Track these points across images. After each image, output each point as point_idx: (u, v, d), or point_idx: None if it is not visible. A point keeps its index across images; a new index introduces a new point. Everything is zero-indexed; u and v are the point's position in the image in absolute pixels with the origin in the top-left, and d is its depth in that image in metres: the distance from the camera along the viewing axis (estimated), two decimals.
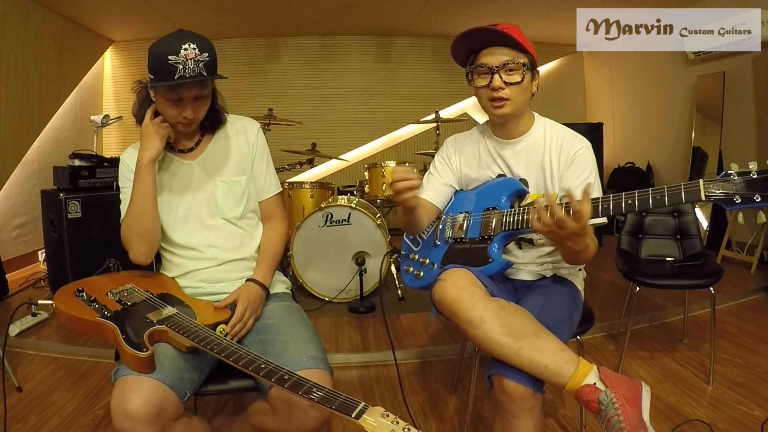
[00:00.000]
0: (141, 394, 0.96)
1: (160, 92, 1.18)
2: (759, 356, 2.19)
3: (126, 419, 0.94)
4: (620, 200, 1.06)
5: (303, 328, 1.22)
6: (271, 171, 1.43)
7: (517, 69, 1.24)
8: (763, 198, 0.93)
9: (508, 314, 1.10)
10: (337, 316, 2.70)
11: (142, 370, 1.00)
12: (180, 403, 1.03)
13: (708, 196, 0.98)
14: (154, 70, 1.14)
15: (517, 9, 4.24)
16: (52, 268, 3.08)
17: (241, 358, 0.96)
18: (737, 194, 0.95)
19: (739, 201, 0.95)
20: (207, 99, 1.24)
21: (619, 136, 5.24)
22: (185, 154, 1.33)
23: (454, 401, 1.91)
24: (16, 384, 2.00)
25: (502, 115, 1.28)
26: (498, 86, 1.24)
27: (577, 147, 1.29)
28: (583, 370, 1.03)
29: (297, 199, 3.18)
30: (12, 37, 3.42)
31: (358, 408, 0.79)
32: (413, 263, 1.47)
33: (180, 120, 1.21)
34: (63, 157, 3.25)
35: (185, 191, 1.31)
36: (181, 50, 1.11)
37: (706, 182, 0.98)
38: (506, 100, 1.26)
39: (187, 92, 1.17)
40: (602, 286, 3.18)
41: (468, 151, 1.43)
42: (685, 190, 0.99)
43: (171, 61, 1.10)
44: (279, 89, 5.15)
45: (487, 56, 1.26)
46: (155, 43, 1.16)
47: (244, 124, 1.39)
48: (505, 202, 1.29)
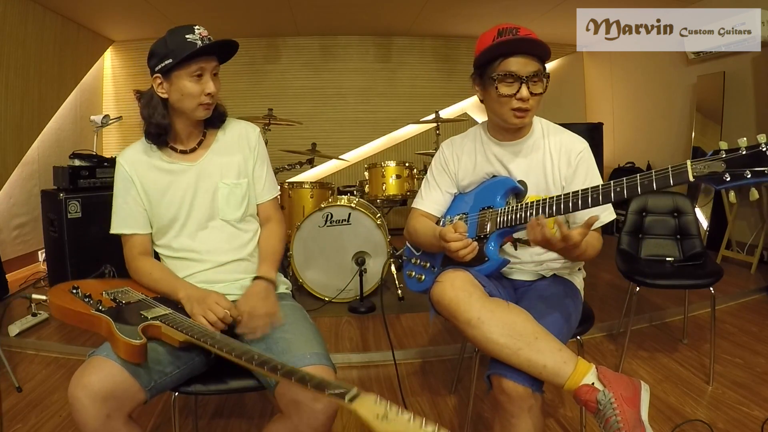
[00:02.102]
0: (98, 373, 1.00)
1: (181, 71, 1.21)
2: (759, 356, 2.19)
3: (78, 389, 0.98)
4: (609, 189, 1.04)
5: (306, 326, 1.22)
6: (270, 175, 1.44)
7: (540, 81, 1.23)
8: (753, 174, 0.88)
9: (507, 314, 1.10)
10: (337, 316, 2.70)
11: (134, 359, 1.01)
12: (142, 390, 1.04)
13: (696, 177, 0.93)
14: (173, 53, 1.19)
15: (517, 9, 4.23)
16: (52, 268, 3.08)
17: (234, 349, 0.96)
18: (726, 172, 0.90)
19: (728, 179, 0.91)
20: (219, 80, 1.29)
21: (619, 136, 5.24)
22: (187, 155, 1.33)
23: (454, 401, 1.91)
24: (16, 384, 1.99)
25: (522, 125, 1.28)
26: (526, 97, 1.21)
27: (578, 149, 1.29)
28: (581, 370, 1.03)
29: (297, 199, 3.17)
30: (12, 37, 3.42)
31: (352, 393, 0.80)
32: (415, 267, 1.47)
33: (203, 100, 1.24)
34: (63, 157, 3.25)
35: (186, 192, 1.31)
36: (195, 30, 1.21)
37: (694, 162, 0.94)
38: (528, 111, 1.24)
39: (207, 64, 1.23)
40: (602, 286, 3.18)
41: (465, 155, 1.42)
42: (672, 172, 0.95)
43: (189, 39, 1.19)
44: (279, 89, 5.15)
45: (516, 65, 1.20)
46: (162, 38, 1.22)
47: (246, 127, 1.41)
48: (500, 201, 1.29)
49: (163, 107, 1.27)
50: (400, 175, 3.21)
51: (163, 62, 1.21)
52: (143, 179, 1.30)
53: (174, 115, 1.29)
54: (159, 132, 1.28)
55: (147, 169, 1.30)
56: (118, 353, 1.02)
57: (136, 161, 1.31)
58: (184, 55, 1.18)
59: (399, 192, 3.20)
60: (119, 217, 1.31)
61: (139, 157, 1.31)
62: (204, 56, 1.22)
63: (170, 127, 1.29)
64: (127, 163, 1.30)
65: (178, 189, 1.31)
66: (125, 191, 1.30)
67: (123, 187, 1.30)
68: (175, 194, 1.31)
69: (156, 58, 1.23)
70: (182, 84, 1.22)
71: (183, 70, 1.21)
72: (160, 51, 1.22)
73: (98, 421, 0.98)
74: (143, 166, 1.30)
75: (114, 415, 1.00)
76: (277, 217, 1.45)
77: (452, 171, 1.44)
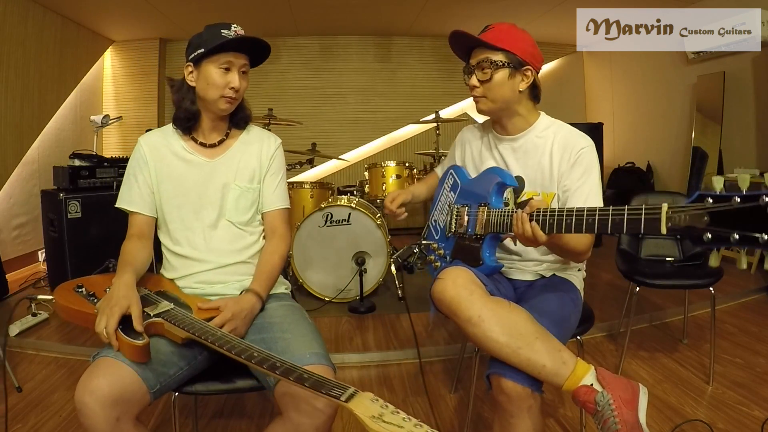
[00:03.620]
0: (108, 377, 0.97)
1: (210, 61, 1.24)
2: (759, 356, 2.19)
3: (86, 394, 0.95)
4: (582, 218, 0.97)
5: (305, 326, 1.22)
6: (282, 187, 1.43)
7: (487, 67, 1.28)
8: (742, 240, 0.66)
9: (507, 313, 1.10)
10: (337, 316, 2.70)
11: (137, 359, 1.01)
12: (148, 393, 1.03)
13: (671, 229, 0.76)
14: (206, 42, 1.24)
15: (517, 9, 4.24)
16: (52, 268, 3.08)
17: (234, 347, 0.97)
18: (708, 231, 0.71)
19: (709, 239, 0.71)
20: (247, 79, 1.32)
21: (619, 136, 5.24)
22: (207, 149, 1.34)
23: (454, 401, 1.91)
24: (16, 384, 2.00)
25: (481, 111, 1.36)
26: (472, 84, 1.32)
27: (580, 146, 1.28)
28: (580, 371, 1.03)
29: (297, 199, 3.17)
30: (12, 37, 3.42)
31: (348, 392, 0.80)
32: (434, 254, 1.47)
33: (226, 93, 1.26)
34: (63, 157, 3.25)
35: (197, 185, 1.32)
36: (231, 27, 1.26)
37: (672, 209, 0.78)
38: (480, 98, 1.33)
39: (236, 59, 1.26)
40: (602, 286, 3.18)
41: (474, 142, 1.49)
42: (645, 216, 0.81)
43: (224, 34, 1.23)
44: (279, 89, 5.16)
45: (471, 58, 1.34)
46: (203, 31, 1.28)
47: (269, 137, 1.44)
48: (495, 200, 1.28)
49: (192, 94, 1.30)
50: (400, 175, 3.22)
51: (196, 51, 1.25)
52: (158, 163, 1.32)
53: (201, 106, 1.31)
54: (188, 117, 1.31)
55: (165, 153, 1.32)
56: (123, 354, 1.02)
57: (156, 144, 1.33)
58: (214, 45, 1.22)
59: None
60: (125, 192, 1.32)
61: (161, 140, 1.34)
62: (234, 51, 1.25)
63: (199, 114, 1.32)
64: (147, 144, 1.33)
65: (189, 180, 1.32)
66: (137, 169, 1.32)
67: (137, 165, 1.32)
68: (187, 185, 1.31)
69: (191, 48, 1.27)
70: (209, 73, 1.26)
71: (212, 60, 1.25)
72: (195, 41, 1.27)
73: (109, 425, 0.96)
74: (162, 150, 1.32)
75: (123, 417, 0.99)
76: (282, 231, 1.40)
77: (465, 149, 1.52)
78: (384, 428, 0.73)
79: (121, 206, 1.33)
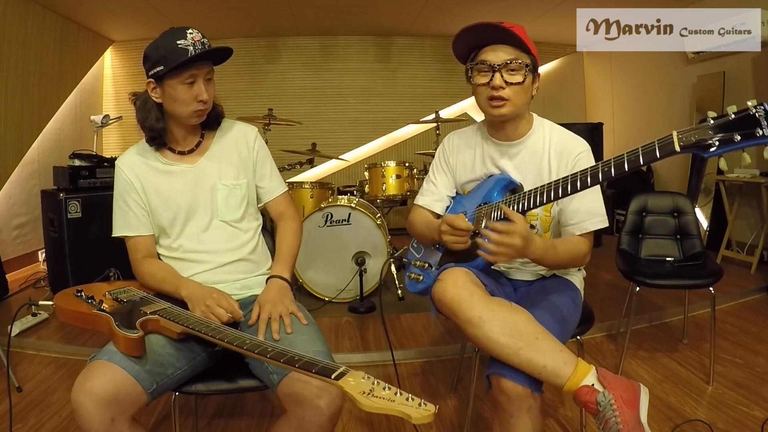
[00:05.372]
0: (101, 378, 0.99)
1: (173, 79, 1.19)
2: (759, 356, 2.19)
3: (82, 394, 0.97)
4: (597, 170, 1.05)
5: (308, 324, 1.23)
6: (275, 172, 1.45)
7: (519, 69, 1.22)
8: (744, 137, 0.85)
9: (508, 314, 1.10)
10: (337, 316, 2.70)
11: (132, 352, 1.03)
12: (144, 393, 1.04)
13: (683, 146, 0.90)
14: (164, 59, 1.17)
15: (517, 9, 4.24)
16: (52, 268, 3.08)
17: (226, 336, 0.99)
18: (715, 138, 0.88)
19: (717, 144, 0.88)
20: (214, 83, 1.27)
21: (619, 136, 5.24)
22: (185, 156, 1.33)
23: (454, 401, 1.91)
24: (16, 384, 2.00)
25: (500, 116, 1.25)
26: (498, 85, 1.21)
27: (577, 151, 1.28)
28: (581, 371, 1.03)
29: (297, 199, 3.17)
30: (12, 37, 3.42)
31: (339, 371, 0.81)
32: (415, 269, 1.47)
33: (196, 107, 1.23)
34: (63, 157, 3.25)
35: (185, 194, 1.31)
36: (187, 35, 1.18)
37: (680, 132, 0.92)
38: (506, 101, 1.23)
39: (199, 71, 1.21)
40: (602, 286, 3.18)
41: (465, 153, 1.42)
42: (659, 144, 0.93)
43: (181, 45, 1.16)
44: (279, 89, 5.15)
45: (489, 53, 1.23)
46: (155, 41, 1.20)
47: (243, 129, 1.41)
48: (497, 197, 1.28)
49: (157, 110, 1.26)
50: (400, 175, 3.21)
51: (155, 68, 1.19)
52: (144, 181, 1.30)
53: (169, 119, 1.29)
54: (153, 135, 1.29)
55: (146, 171, 1.31)
56: (118, 348, 1.03)
57: (136, 164, 1.31)
58: (175, 64, 1.16)
59: (399, 192, 3.20)
60: (120, 220, 1.32)
61: (138, 159, 1.32)
62: (196, 62, 1.19)
63: (165, 130, 1.29)
64: (126, 166, 1.30)
65: (177, 190, 1.31)
66: (126, 194, 1.30)
67: (123, 190, 1.30)
68: (175, 195, 1.31)
69: (149, 63, 1.21)
70: (174, 91, 1.21)
71: (175, 77, 1.19)
72: (152, 56, 1.20)
73: (103, 425, 0.98)
74: (142, 168, 1.31)
75: (118, 418, 1.00)
76: (289, 212, 1.44)
77: (452, 165, 1.44)
78: (375, 402, 0.74)
79: (122, 234, 1.32)
